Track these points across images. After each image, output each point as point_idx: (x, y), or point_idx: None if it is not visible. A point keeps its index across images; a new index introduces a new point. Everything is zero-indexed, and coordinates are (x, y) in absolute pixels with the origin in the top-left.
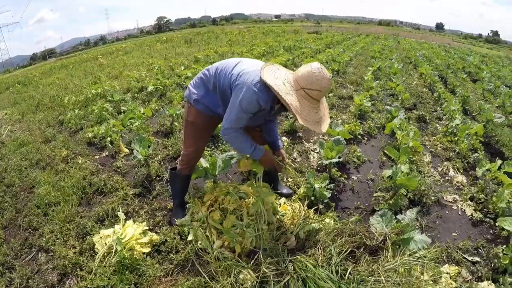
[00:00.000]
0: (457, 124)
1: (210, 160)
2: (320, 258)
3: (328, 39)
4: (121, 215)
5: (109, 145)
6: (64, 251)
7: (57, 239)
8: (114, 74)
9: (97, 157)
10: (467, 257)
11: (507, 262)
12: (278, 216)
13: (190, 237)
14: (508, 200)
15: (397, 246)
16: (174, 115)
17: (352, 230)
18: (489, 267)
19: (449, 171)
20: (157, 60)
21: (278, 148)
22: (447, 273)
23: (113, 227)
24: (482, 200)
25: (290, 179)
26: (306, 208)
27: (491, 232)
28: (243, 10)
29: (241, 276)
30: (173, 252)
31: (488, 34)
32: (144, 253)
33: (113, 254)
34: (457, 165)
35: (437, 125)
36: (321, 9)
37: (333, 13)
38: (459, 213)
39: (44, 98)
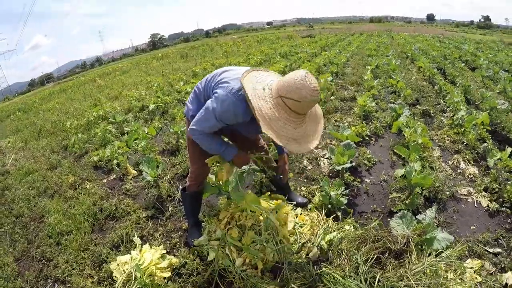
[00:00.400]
0: (463, 116)
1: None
2: (347, 268)
3: (322, 41)
4: (137, 240)
5: (116, 168)
6: (82, 282)
7: (73, 269)
8: (113, 94)
9: (105, 181)
10: (488, 249)
11: None
12: (297, 228)
13: (210, 257)
14: None
15: (420, 247)
16: (179, 132)
17: (375, 235)
18: (511, 257)
19: (460, 164)
20: (155, 78)
21: (280, 152)
22: (471, 268)
23: (130, 253)
24: (496, 189)
25: (303, 188)
26: (324, 216)
27: (509, 221)
28: (235, 20)
29: None
30: (194, 274)
31: (480, 20)
32: (164, 278)
33: (132, 281)
34: (467, 156)
35: (442, 118)
36: (312, 13)
37: (324, 15)
38: (475, 205)
39: (45, 124)
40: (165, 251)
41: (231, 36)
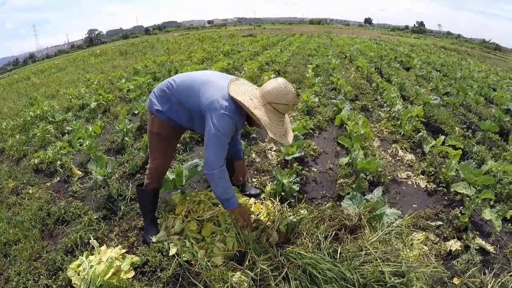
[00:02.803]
0: (399, 109)
1: (176, 170)
2: (309, 246)
3: (264, 41)
4: (94, 242)
5: (60, 169)
6: None
7: (28, 280)
8: (50, 93)
9: (49, 184)
10: (430, 223)
11: (466, 220)
12: (253, 216)
13: (172, 252)
14: (456, 169)
15: (370, 223)
16: (124, 130)
17: (330, 215)
18: (451, 228)
19: (398, 152)
20: (94, 75)
21: (239, 157)
22: (417, 239)
23: (87, 257)
24: (432, 172)
25: (254, 180)
26: (279, 203)
27: (445, 198)
28: (175, 18)
29: (235, 279)
30: (159, 270)
31: (414, 25)
32: (128, 278)
33: (94, 285)
34: (404, 145)
35: (379, 112)
36: (253, 12)
37: (265, 15)
38: (415, 187)
39: None
40: (124, 251)
41: (172, 34)
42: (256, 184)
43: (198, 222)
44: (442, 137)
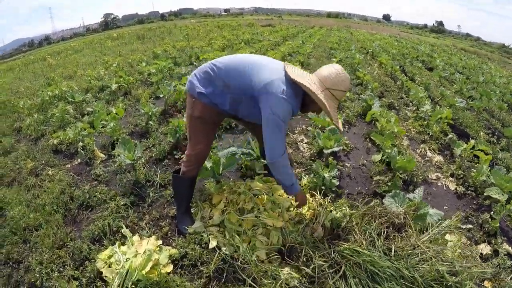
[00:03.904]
0: (428, 110)
1: (212, 158)
2: (363, 243)
3: (283, 31)
4: (127, 232)
5: (81, 151)
6: (66, 285)
7: (52, 271)
8: (67, 74)
9: (69, 165)
10: (461, 226)
11: (497, 225)
12: (293, 210)
13: (212, 245)
14: (487, 174)
15: (414, 222)
16: (149, 113)
17: (380, 212)
18: (482, 232)
19: (426, 152)
20: (111, 58)
21: None
22: (451, 241)
23: (119, 247)
24: (461, 175)
25: None
26: (321, 197)
27: (474, 202)
28: (191, 4)
29: (284, 275)
30: (199, 264)
31: (433, 24)
32: (167, 272)
33: (131, 279)
34: (432, 146)
35: (406, 111)
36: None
37: (281, 6)
38: (444, 188)
39: None
40: (160, 242)
41: (189, 21)
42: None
43: (239, 214)
44: (472, 141)
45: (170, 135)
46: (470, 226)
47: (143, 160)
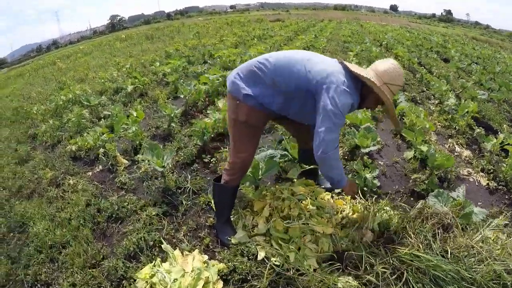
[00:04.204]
0: (453, 103)
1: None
2: (420, 246)
3: (294, 26)
4: (168, 248)
5: (103, 157)
6: None
7: None
8: (79, 77)
9: (90, 173)
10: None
11: None
12: (339, 214)
13: (260, 256)
14: None
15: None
16: (172, 115)
17: (431, 213)
18: None
19: (455, 148)
20: (123, 59)
21: None
22: (499, 240)
23: (160, 264)
24: (492, 170)
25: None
26: (365, 200)
27: (506, 197)
28: (197, 2)
29: (341, 284)
30: (250, 278)
31: (442, 13)
32: None
33: None
34: (460, 141)
35: (429, 105)
36: None
37: (288, 0)
38: (476, 184)
39: (5, 111)
40: (207, 257)
41: (197, 18)
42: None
43: (284, 221)
44: (501, 135)
45: (197, 138)
46: (506, 222)
47: (170, 165)
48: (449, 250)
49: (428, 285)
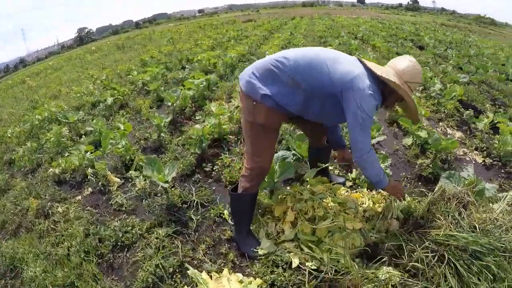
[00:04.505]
0: (440, 88)
1: None
2: (451, 226)
3: (267, 25)
4: (196, 273)
5: (92, 178)
6: None
7: None
8: (52, 94)
9: (79, 198)
10: (498, 194)
11: None
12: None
13: (295, 264)
14: None
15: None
16: (162, 124)
17: (453, 194)
18: None
19: (447, 130)
20: (95, 71)
21: (343, 146)
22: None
23: None
24: (485, 148)
25: (330, 166)
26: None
27: (502, 171)
28: (165, 9)
29: (384, 276)
30: None
31: (408, 2)
32: None
33: None
34: (450, 123)
35: (415, 92)
36: None
37: (256, 1)
38: (473, 162)
39: None
40: (240, 276)
41: (168, 25)
42: (338, 172)
43: (311, 223)
44: (491, 115)
45: (194, 146)
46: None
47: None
48: (476, 226)
49: (468, 261)
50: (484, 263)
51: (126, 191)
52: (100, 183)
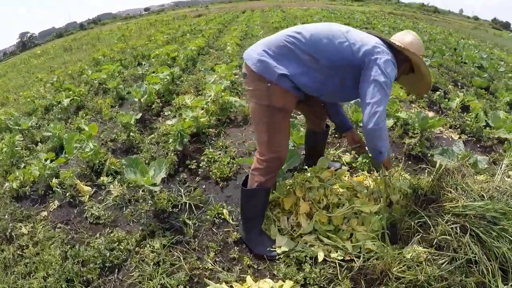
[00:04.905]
0: None
1: None
2: (462, 198)
3: (220, 19)
4: (217, 287)
5: (58, 189)
6: None
7: None
8: None
9: (44, 213)
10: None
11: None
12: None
13: (320, 258)
14: (485, 120)
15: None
16: (132, 122)
17: (455, 168)
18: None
19: (421, 111)
20: (44, 75)
21: (350, 128)
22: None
23: None
24: (458, 126)
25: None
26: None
27: (478, 146)
28: (109, 9)
29: (410, 255)
30: (325, 285)
31: None
32: None
33: None
34: (421, 104)
35: None
36: None
37: None
38: (450, 139)
39: None
40: (270, 281)
41: (116, 23)
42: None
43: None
44: (461, 94)
45: (174, 142)
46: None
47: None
48: (484, 194)
49: (487, 227)
50: (500, 227)
51: (101, 200)
52: (68, 194)
